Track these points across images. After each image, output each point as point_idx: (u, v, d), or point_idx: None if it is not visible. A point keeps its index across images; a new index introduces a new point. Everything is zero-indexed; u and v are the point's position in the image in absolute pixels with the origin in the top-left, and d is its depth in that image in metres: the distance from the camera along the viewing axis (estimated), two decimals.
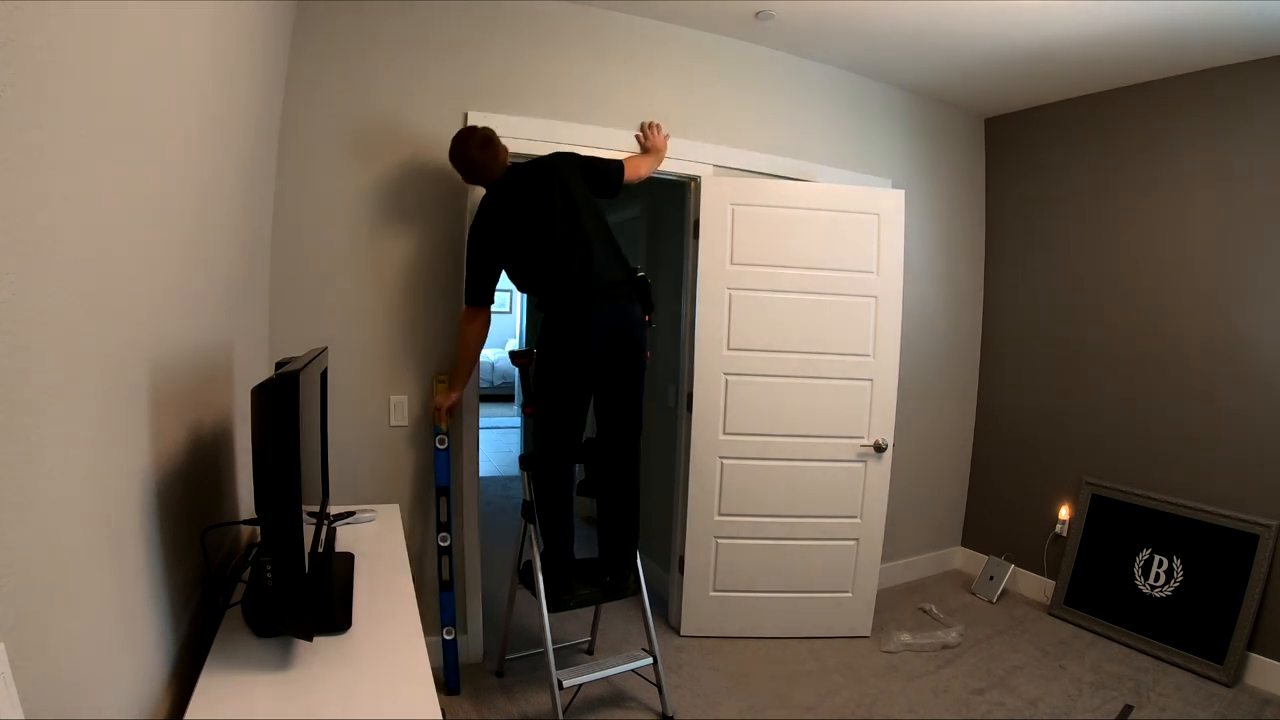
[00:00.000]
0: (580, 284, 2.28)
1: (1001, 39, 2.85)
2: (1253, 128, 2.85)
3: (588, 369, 2.32)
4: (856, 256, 2.99)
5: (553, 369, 2.33)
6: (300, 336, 2.38)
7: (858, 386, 3.02)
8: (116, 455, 0.95)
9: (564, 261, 2.29)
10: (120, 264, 0.93)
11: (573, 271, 2.28)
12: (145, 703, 1.01)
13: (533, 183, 2.34)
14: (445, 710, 1.76)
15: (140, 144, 1.00)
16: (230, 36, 1.52)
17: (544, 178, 2.35)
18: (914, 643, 3.01)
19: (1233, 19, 2.51)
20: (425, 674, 1.19)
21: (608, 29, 2.81)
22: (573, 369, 2.31)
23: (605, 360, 2.33)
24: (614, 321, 2.31)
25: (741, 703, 2.57)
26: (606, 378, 2.38)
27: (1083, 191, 3.46)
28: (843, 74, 3.34)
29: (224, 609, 1.36)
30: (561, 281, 2.29)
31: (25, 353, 0.67)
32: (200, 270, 1.40)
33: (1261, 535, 2.78)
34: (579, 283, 2.28)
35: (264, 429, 1.11)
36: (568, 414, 2.37)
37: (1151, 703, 2.64)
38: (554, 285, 2.31)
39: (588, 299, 2.28)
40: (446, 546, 2.57)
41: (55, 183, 0.72)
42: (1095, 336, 3.41)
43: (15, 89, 0.62)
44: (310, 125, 2.39)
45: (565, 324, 2.29)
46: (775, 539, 3.02)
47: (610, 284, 2.31)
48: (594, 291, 2.28)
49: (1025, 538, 3.64)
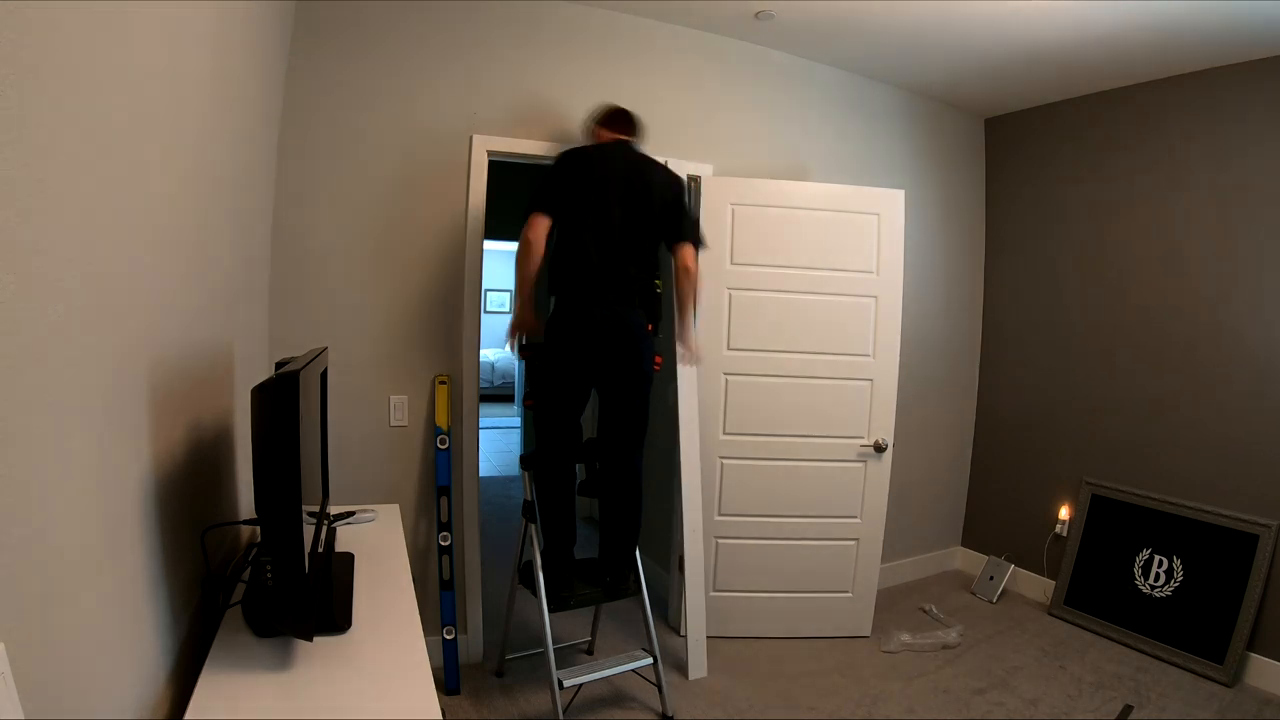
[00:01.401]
0: (592, 275, 2.29)
1: (1001, 39, 2.85)
2: (1251, 128, 2.85)
3: (584, 364, 2.33)
4: (856, 256, 2.99)
5: (551, 360, 2.36)
6: (300, 336, 2.38)
7: (858, 386, 3.02)
8: (117, 455, 0.95)
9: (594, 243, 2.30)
10: (121, 264, 0.93)
11: (592, 260, 2.29)
12: (145, 703, 1.01)
13: (629, 166, 2.37)
14: (445, 710, 1.76)
15: (141, 144, 1.00)
16: (231, 36, 1.52)
17: (639, 171, 2.38)
18: (914, 643, 3.01)
19: (1232, 19, 2.51)
20: (425, 674, 1.19)
21: (608, 29, 2.82)
22: (569, 362, 2.33)
23: (604, 360, 2.33)
24: (612, 323, 2.31)
25: (741, 703, 2.57)
26: (606, 379, 2.38)
27: (1082, 191, 3.46)
28: (843, 74, 3.34)
29: (224, 609, 1.36)
30: (580, 262, 2.30)
31: (25, 353, 0.67)
32: (200, 270, 1.40)
33: (1261, 535, 2.78)
34: (592, 273, 2.29)
35: (264, 429, 1.11)
36: (563, 408, 2.38)
37: (1151, 703, 2.64)
38: (572, 261, 2.31)
39: (592, 293, 2.30)
40: (447, 546, 2.57)
41: (56, 183, 0.72)
42: (1095, 336, 3.41)
43: (16, 89, 0.62)
44: (310, 125, 2.39)
45: (567, 315, 2.32)
46: (775, 539, 3.02)
47: (619, 285, 2.31)
48: (601, 286, 2.29)
49: (1025, 538, 3.64)
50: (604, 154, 2.39)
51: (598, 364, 2.34)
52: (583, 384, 2.39)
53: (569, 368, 2.34)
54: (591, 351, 2.31)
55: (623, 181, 2.34)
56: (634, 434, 2.45)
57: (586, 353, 2.31)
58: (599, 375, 2.37)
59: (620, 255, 2.31)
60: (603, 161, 2.37)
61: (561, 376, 2.36)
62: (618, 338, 2.31)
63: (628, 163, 2.39)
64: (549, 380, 2.39)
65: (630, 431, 2.44)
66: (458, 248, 2.64)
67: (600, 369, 2.35)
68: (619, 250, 2.31)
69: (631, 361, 2.35)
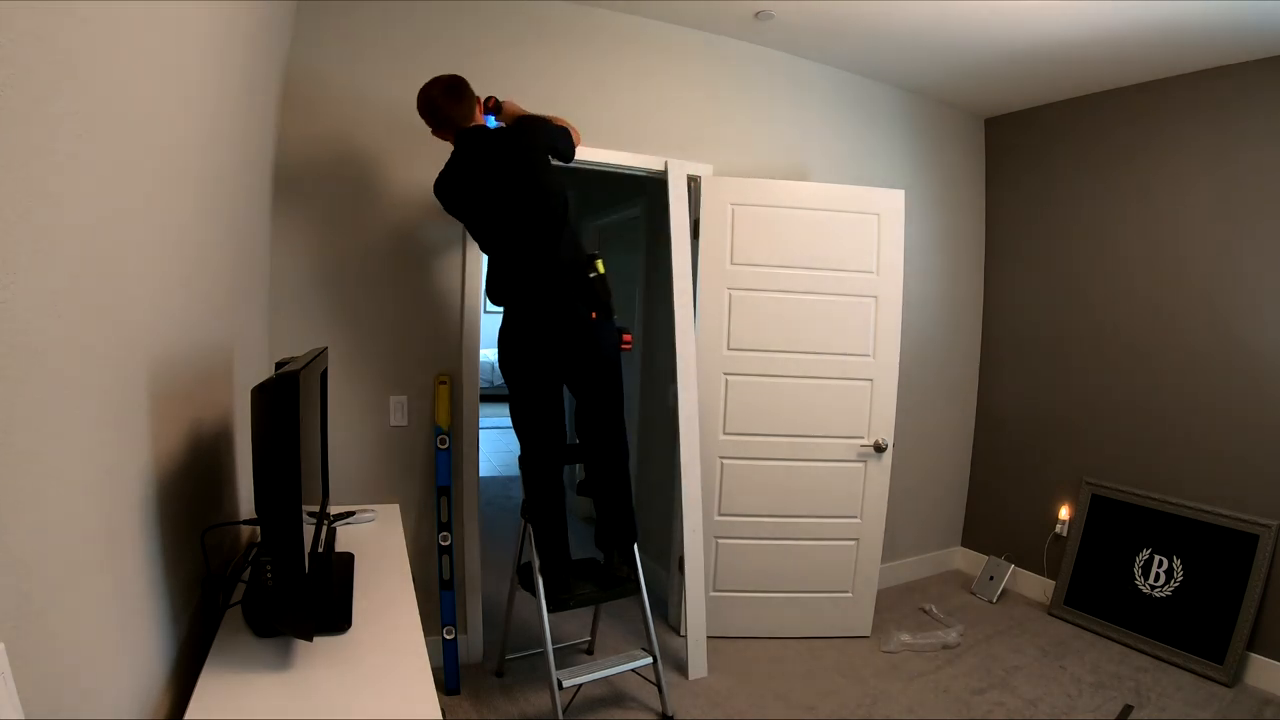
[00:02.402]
0: (511, 284, 2.23)
1: (1001, 39, 2.85)
2: (1252, 128, 2.85)
3: (533, 366, 2.26)
4: (856, 256, 2.99)
5: (505, 365, 2.31)
6: (300, 336, 2.38)
7: (858, 386, 3.02)
8: (116, 455, 0.94)
9: (500, 252, 2.23)
10: (120, 264, 0.93)
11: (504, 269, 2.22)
12: (145, 703, 1.01)
13: (498, 152, 2.15)
14: (445, 710, 1.76)
15: (141, 143, 1.00)
16: (231, 36, 1.52)
17: (511, 149, 2.16)
18: (914, 643, 3.01)
19: (1232, 19, 2.51)
20: (425, 674, 1.19)
21: (608, 29, 2.82)
22: (519, 366, 2.28)
23: (554, 361, 2.27)
24: (549, 325, 2.23)
25: (741, 702, 2.57)
26: (567, 377, 2.34)
27: (1082, 192, 3.46)
28: (842, 74, 3.34)
29: (224, 609, 1.36)
30: (496, 274, 2.25)
31: (25, 353, 0.67)
32: (200, 270, 1.39)
33: (1261, 535, 2.78)
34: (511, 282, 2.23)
35: (264, 429, 1.11)
36: (533, 412, 2.33)
37: (1151, 703, 2.64)
38: (491, 275, 2.27)
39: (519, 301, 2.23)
40: (447, 546, 2.57)
41: (55, 182, 0.72)
42: (1095, 336, 3.41)
43: (16, 89, 0.62)
44: (310, 124, 2.39)
45: (505, 327, 2.27)
46: (775, 539, 3.02)
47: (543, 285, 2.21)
48: (524, 292, 2.22)
49: (1025, 538, 3.64)
50: (456, 167, 2.19)
51: (549, 366, 2.27)
52: (543, 386, 2.31)
53: (523, 374, 2.28)
54: (536, 356, 2.25)
55: (489, 180, 2.14)
56: (607, 425, 2.39)
57: (532, 358, 2.25)
58: (558, 375, 2.32)
59: (530, 253, 2.19)
60: (458, 174, 2.17)
61: (518, 379, 2.30)
62: (558, 338, 2.24)
63: (480, 157, 2.15)
64: (512, 389, 2.33)
65: (603, 423, 2.39)
66: (458, 247, 2.64)
67: (555, 369, 2.29)
68: (524, 249, 2.18)
69: (584, 355, 2.28)
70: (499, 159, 2.15)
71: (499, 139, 2.19)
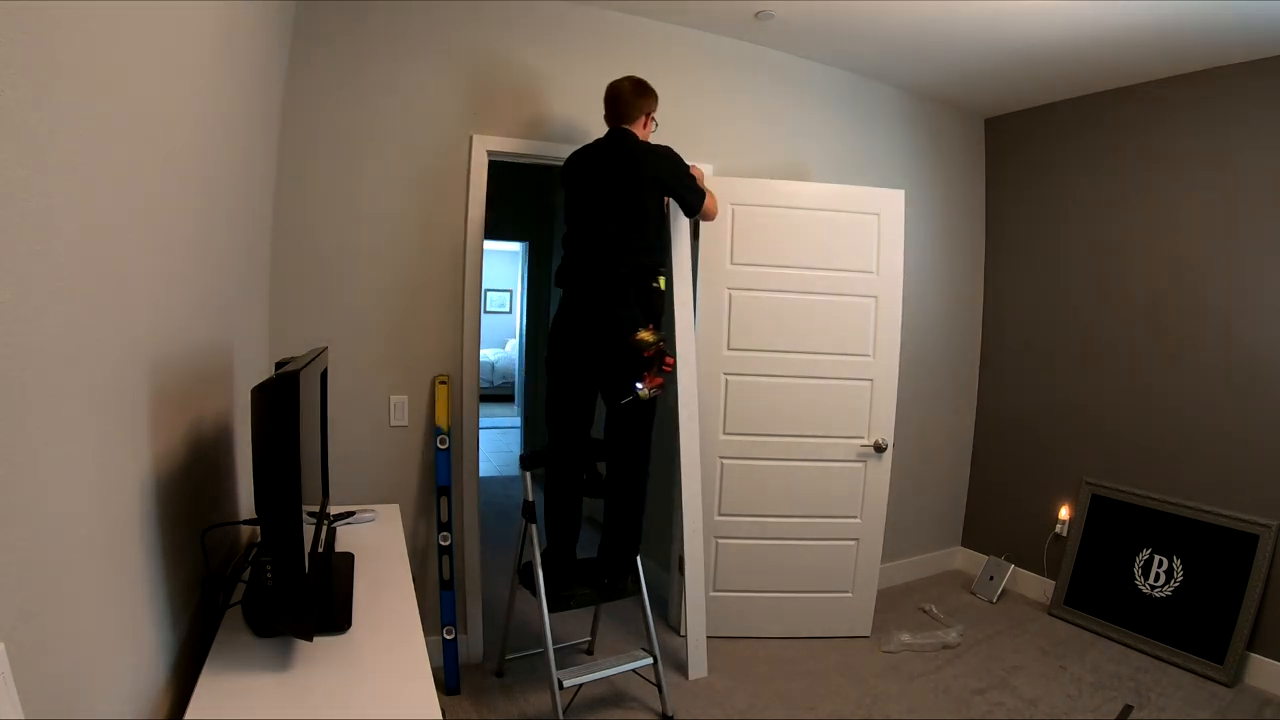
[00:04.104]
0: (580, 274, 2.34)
1: (1001, 39, 2.85)
2: (1252, 128, 2.85)
3: (574, 360, 2.36)
4: (856, 256, 2.99)
5: (550, 354, 2.43)
6: (300, 336, 2.37)
7: (858, 386, 3.02)
8: (116, 455, 0.95)
9: (584, 243, 2.35)
10: (120, 264, 0.93)
11: (581, 260, 2.35)
12: (145, 703, 1.01)
13: (612, 159, 2.37)
14: (445, 710, 1.76)
15: (141, 143, 1.00)
16: (231, 36, 1.52)
17: (621, 161, 2.35)
18: (914, 643, 3.01)
19: (1232, 19, 2.51)
20: (425, 674, 1.19)
21: (608, 29, 2.82)
22: (560, 356, 2.38)
23: (593, 359, 2.34)
24: (599, 320, 2.30)
25: (741, 703, 2.57)
26: (603, 379, 2.38)
27: (1082, 191, 3.46)
28: (843, 74, 3.34)
29: (224, 609, 1.36)
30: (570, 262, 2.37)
31: (25, 353, 0.67)
32: (200, 270, 1.40)
33: (1261, 535, 2.78)
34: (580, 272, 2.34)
35: (264, 429, 1.11)
36: (560, 405, 2.43)
37: (1151, 703, 2.64)
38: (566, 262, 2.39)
39: (580, 292, 2.34)
40: (447, 546, 2.57)
41: (55, 182, 0.72)
42: (1095, 336, 3.41)
43: (16, 89, 0.62)
44: (310, 125, 2.39)
45: (560, 315, 2.38)
46: (775, 539, 3.02)
47: (610, 283, 2.31)
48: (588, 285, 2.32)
49: (1025, 538, 3.64)
50: (589, 151, 2.43)
51: (588, 362, 2.34)
52: (578, 383, 2.39)
53: (561, 360, 2.39)
54: (579, 349, 2.34)
55: (605, 176, 2.35)
56: (632, 433, 2.43)
57: (575, 351, 2.34)
58: (595, 375, 2.38)
59: (611, 252, 2.31)
60: (586, 159, 2.42)
61: (556, 370, 2.41)
62: (605, 335, 2.29)
63: (611, 154, 2.38)
64: (549, 373, 2.45)
65: (627, 431, 2.43)
66: (458, 247, 2.64)
67: (594, 368, 2.35)
68: (609, 247, 2.32)
69: (620, 357, 2.30)
70: (621, 164, 2.35)
71: (635, 149, 2.38)
